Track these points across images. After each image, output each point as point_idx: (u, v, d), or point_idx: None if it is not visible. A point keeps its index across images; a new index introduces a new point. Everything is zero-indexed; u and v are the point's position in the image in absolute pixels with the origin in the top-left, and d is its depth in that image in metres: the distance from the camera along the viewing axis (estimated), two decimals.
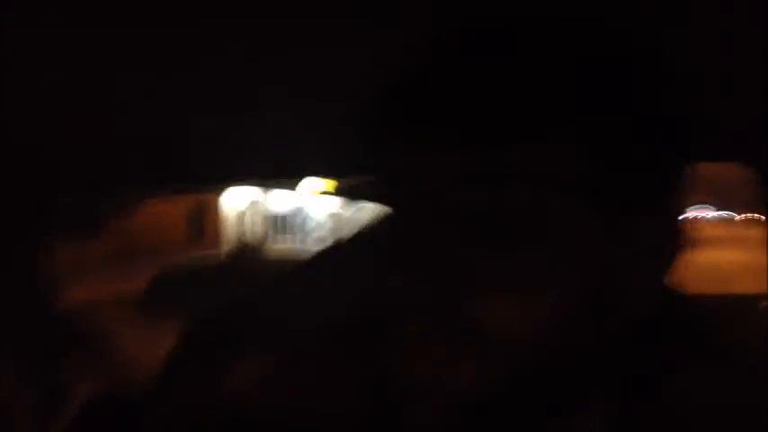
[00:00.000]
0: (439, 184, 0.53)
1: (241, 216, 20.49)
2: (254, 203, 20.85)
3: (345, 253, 0.75)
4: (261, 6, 0.63)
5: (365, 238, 0.69)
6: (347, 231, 0.73)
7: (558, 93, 0.52)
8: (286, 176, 1.26)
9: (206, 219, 19.95)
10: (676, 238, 0.57)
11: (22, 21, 0.63)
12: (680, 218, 0.58)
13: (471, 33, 0.55)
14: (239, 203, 20.65)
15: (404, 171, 0.55)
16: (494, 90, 0.52)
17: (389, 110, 0.57)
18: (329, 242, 0.85)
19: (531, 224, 0.52)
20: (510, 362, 0.53)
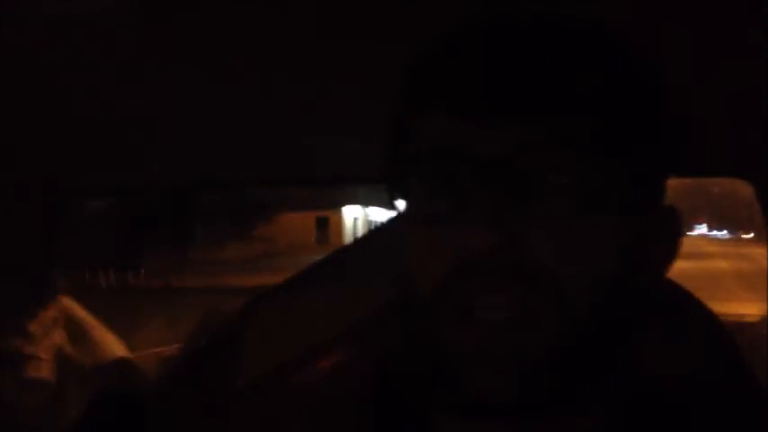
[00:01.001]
0: (499, 154, 0.44)
1: (353, 224, 20.91)
2: (361, 215, 21.26)
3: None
4: None
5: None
6: None
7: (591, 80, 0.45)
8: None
9: (330, 227, 20.43)
10: (671, 241, 0.50)
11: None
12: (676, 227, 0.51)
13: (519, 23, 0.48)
14: (353, 215, 21.10)
15: (462, 145, 0.45)
16: (549, 67, 0.45)
17: (447, 86, 0.47)
18: None
19: (588, 192, 0.44)
20: (574, 315, 0.44)
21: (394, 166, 0.49)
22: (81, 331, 1.26)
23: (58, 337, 1.24)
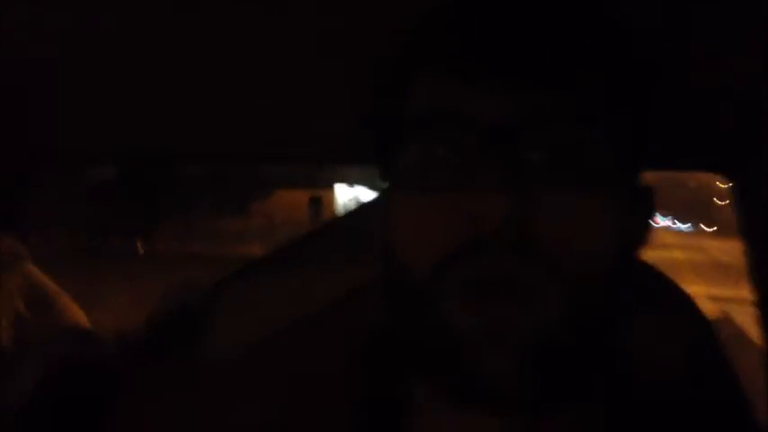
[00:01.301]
0: (512, 123, 0.40)
1: (344, 204, 21.14)
2: (352, 195, 21.47)
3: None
4: None
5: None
6: None
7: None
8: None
9: (323, 205, 20.62)
10: (647, 221, 0.48)
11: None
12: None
13: None
14: (344, 195, 21.30)
15: (465, 110, 0.41)
16: (560, 38, 0.41)
17: (462, 54, 0.42)
18: None
19: (593, 165, 0.41)
20: (579, 295, 0.40)
21: (386, 133, 0.44)
22: (42, 298, 1.21)
23: (18, 302, 1.19)
